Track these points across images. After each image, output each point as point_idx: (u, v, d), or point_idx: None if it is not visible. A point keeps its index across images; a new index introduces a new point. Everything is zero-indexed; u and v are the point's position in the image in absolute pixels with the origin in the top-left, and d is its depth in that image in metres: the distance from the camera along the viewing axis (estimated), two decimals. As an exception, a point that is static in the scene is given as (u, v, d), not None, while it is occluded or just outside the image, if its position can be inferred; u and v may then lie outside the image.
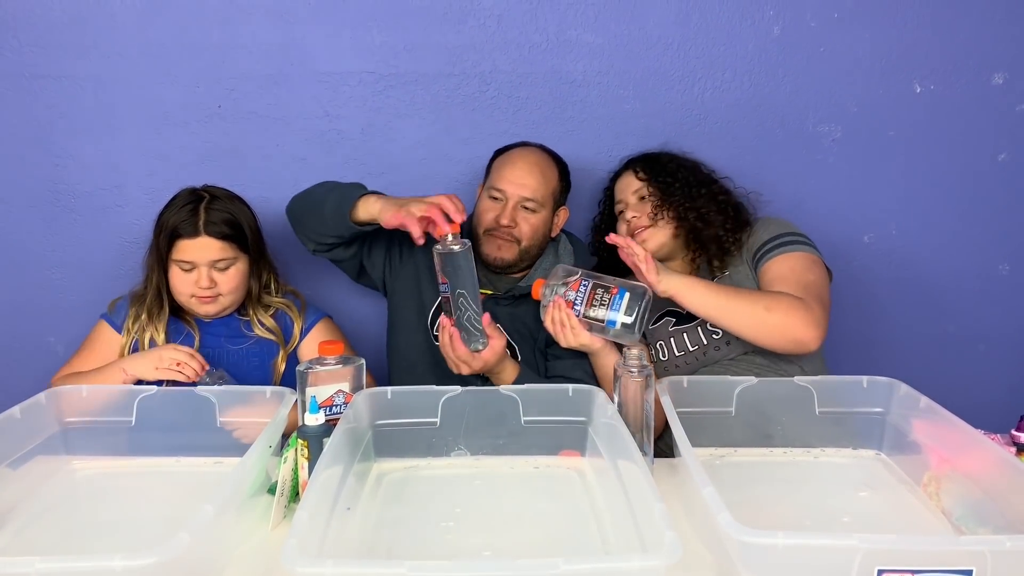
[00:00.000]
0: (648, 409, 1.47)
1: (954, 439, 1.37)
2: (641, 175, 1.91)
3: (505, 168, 1.87)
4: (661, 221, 1.85)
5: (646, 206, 1.87)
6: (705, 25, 2.07)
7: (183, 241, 1.75)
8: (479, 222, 1.88)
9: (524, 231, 1.85)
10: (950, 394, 1.57)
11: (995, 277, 2.22)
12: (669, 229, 1.86)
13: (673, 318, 1.88)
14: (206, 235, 1.74)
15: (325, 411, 1.42)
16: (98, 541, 1.28)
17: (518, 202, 1.84)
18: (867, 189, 2.15)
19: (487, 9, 2.04)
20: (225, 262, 1.77)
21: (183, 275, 1.77)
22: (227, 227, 1.77)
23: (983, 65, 2.10)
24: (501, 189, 1.85)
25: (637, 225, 1.86)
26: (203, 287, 1.76)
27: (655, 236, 1.85)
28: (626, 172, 1.94)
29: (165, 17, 2.01)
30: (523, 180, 1.85)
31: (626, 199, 1.91)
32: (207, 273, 1.76)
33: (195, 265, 1.76)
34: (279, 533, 1.29)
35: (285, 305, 1.89)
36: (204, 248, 1.75)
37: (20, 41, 2.00)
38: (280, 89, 2.05)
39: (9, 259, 2.10)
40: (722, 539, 1.07)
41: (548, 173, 1.89)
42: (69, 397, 1.54)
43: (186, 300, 1.80)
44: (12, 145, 2.05)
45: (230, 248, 1.77)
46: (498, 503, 1.40)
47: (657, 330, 1.90)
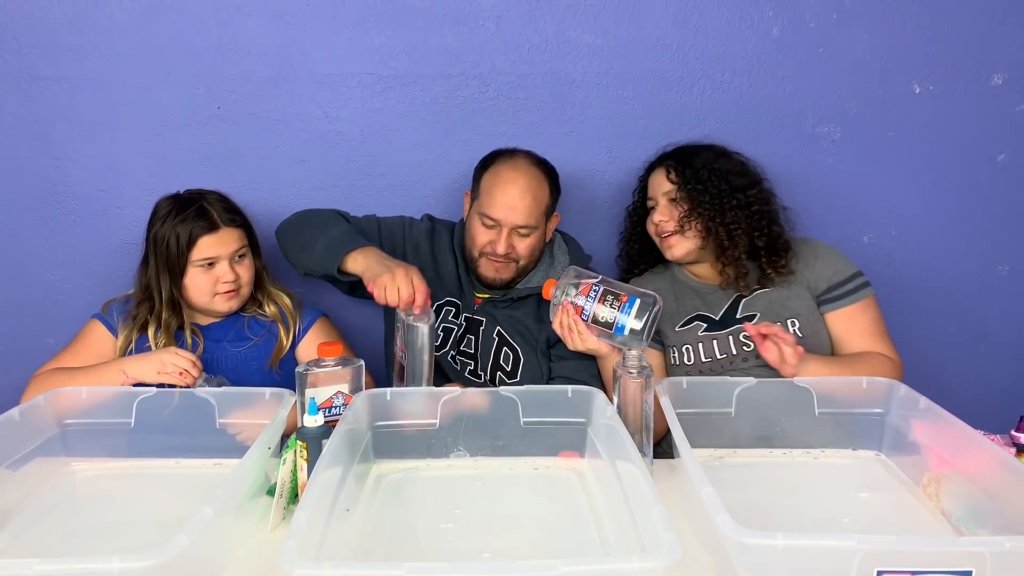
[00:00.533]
0: (647, 410, 1.47)
1: (954, 440, 1.38)
2: (672, 176, 1.84)
3: (496, 193, 1.82)
4: (688, 231, 1.80)
5: (674, 211, 1.82)
6: (704, 26, 2.07)
7: (205, 238, 1.76)
8: (472, 243, 1.86)
9: (521, 253, 1.84)
10: (950, 395, 1.57)
11: (995, 277, 2.22)
12: (696, 240, 1.81)
13: (704, 323, 1.83)
14: (225, 227, 1.78)
15: (324, 412, 1.42)
16: (97, 543, 1.28)
17: (512, 229, 1.82)
18: (866, 190, 2.15)
19: (486, 10, 2.04)
20: (243, 250, 1.82)
21: (204, 275, 1.78)
22: (237, 215, 1.83)
23: (982, 66, 2.10)
24: (495, 218, 1.80)
25: (664, 229, 1.83)
26: (229, 280, 1.78)
27: (681, 244, 1.82)
28: (659, 168, 1.88)
29: (164, 19, 2.01)
30: (516, 206, 1.80)
31: (656, 198, 1.86)
32: (229, 266, 1.79)
33: (217, 260, 1.78)
34: (278, 534, 1.29)
35: (284, 294, 1.91)
36: (226, 239, 1.78)
37: (19, 43, 2.00)
38: (279, 90, 2.05)
39: (8, 260, 2.10)
40: (721, 540, 1.07)
41: (540, 194, 1.84)
42: (69, 399, 1.54)
43: (208, 301, 1.80)
44: (11, 146, 2.05)
45: (245, 236, 1.83)
46: (497, 505, 1.40)
47: (685, 333, 1.84)
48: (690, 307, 1.86)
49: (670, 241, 1.82)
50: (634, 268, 1.99)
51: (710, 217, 1.79)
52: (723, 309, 1.83)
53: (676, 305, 1.87)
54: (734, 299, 1.83)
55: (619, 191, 2.13)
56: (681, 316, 1.86)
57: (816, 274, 1.81)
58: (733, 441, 1.58)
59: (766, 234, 1.81)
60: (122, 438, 1.53)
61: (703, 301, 1.86)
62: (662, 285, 1.90)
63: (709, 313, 1.83)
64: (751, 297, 1.82)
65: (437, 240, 1.95)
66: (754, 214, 1.81)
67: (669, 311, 1.84)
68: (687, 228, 1.80)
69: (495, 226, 1.82)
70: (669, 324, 1.85)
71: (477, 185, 1.89)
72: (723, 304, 1.84)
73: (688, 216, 1.80)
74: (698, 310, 1.85)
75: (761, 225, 1.81)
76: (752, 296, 1.82)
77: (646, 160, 1.95)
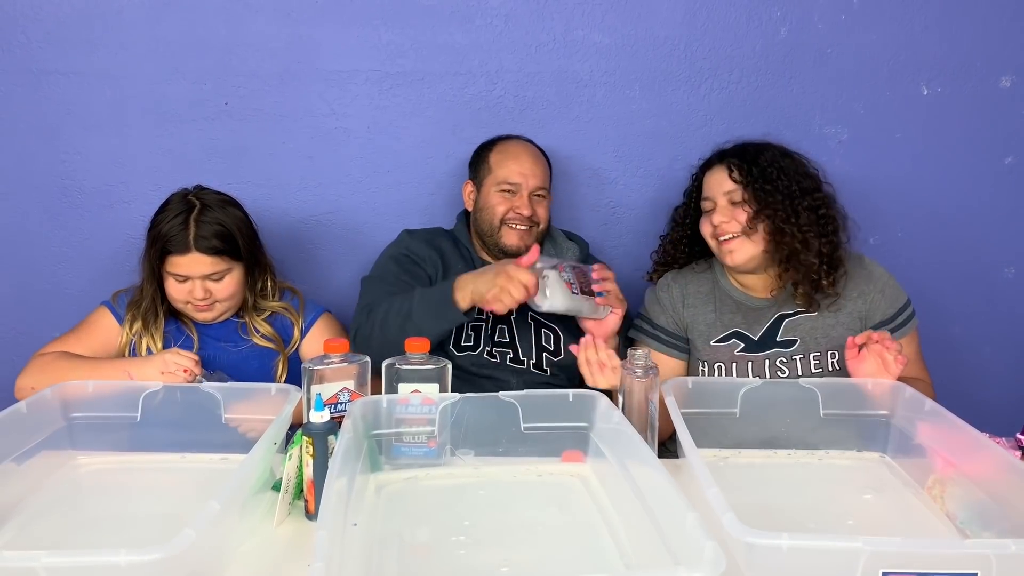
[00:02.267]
0: (652, 410, 1.46)
1: (959, 442, 1.37)
2: (736, 175, 1.72)
3: (510, 162, 1.92)
4: (754, 234, 1.70)
5: (738, 212, 1.71)
6: (712, 26, 2.07)
7: (174, 257, 1.73)
8: (493, 215, 1.91)
9: (541, 216, 1.93)
10: (955, 397, 1.57)
11: (1001, 280, 2.22)
12: (761, 244, 1.71)
13: (742, 342, 1.78)
14: (196, 251, 1.72)
15: (330, 408, 1.42)
16: (103, 536, 1.28)
17: (532, 191, 1.90)
18: (873, 191, 2.15)
19: (494, 8, 2.04)
20: (219, 274, 1.76)
21: (178, 285, 1.77)
22: (218, 240, 1.74)
23: (990, 68, 2.10)
24: (515, 183, 1.90)
25: (725, 231, 1.72)
26: (198, 298, 1.76)
27: (744, 248, 1.72)
28: (719, 166, 1.77)
29: (173, 14, 2.01)
30: (532, 171, 1.92)
31: (715, 198, 1.75)
32: (201, 285, 1.75)
33: (188, 277, 1.75)
34: (283, 530, 1.29)
35: (283, 308, 1.87)
36: (195, 263, 1.73)
37: (29, 37, 2.01)
38: (287, 87, 2.06)
39: (16, 252, 2.11)
40: (726, 540, 1.07)
41: (545, 163, 1.98)
42: (75, 392, 1.54)
43: (183, 307, 1.80)
44: (20, 140, 2.05)
45: (222, 261, 1.75)
46: (507, 514, 1.36)
47: (721, 350, 1.78)
48: (728, 322, 1.79)
49: (731, 245, 1.72)
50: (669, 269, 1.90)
51: (783, 219, 1.69)
52: (763, 329, 1.78)
53: (715, 316, 1.81)
54: (775, 319, 1.78)
55: (625, 189, 2.13)
56: (718, 330, 1.80)
57: (871, 305, 1.76)
58: (738, 442, 1.57)
59: (830, 242, 1.73)
60: (128, 432, 1.53)
61: (743, 317, 1.79)
62: (702, 288, 1.83)
63: (748, 332, 1.78)
64: (793, 320, 1.77)
65: (440, 245, 1.96)
66: (821, 218, 1.73)
67: (706, 321, 1.81)
68: (752, 231, 1.70)
69: (515, 191, 1.90)
70: (703, 336, 1.80)
71: (483, 166, 1.96)
72: (763, 323, 1.78)
73: (755, 218, 1.69)
74: (737, 327, 1.79)
75: (827, 231, 1.73)
76: (794, 318, 1.77)
77: (700, 158, 1.85)
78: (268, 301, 1.87)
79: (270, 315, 1.87)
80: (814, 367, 1.76)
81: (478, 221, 1.95)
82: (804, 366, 1.76)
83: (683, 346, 1.83)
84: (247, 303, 1.85)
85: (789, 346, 1.77)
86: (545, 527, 1.31)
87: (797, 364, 1.76)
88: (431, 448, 1.46)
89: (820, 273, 1.71)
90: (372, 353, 1.53)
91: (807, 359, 1.76)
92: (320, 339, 1.79)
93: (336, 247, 2.15)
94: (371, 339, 1.73)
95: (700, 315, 1.81)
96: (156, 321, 1.82)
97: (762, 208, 1.70)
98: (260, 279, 1.87)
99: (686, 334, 1.83)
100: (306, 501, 1.33)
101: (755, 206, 1.70)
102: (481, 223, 1.94)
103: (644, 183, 2.13)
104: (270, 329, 1.85)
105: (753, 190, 1.71)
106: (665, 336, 1.84)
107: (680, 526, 1.04)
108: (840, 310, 1.76)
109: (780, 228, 1.69)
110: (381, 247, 1.97)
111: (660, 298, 1.85)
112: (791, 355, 1.77)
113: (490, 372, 1.85)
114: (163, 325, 1.82)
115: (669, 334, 1.83)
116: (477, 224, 1.96)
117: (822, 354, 1.75)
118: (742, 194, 1.72)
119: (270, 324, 1.86)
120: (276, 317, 1.88)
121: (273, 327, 1.86)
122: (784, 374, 1.74)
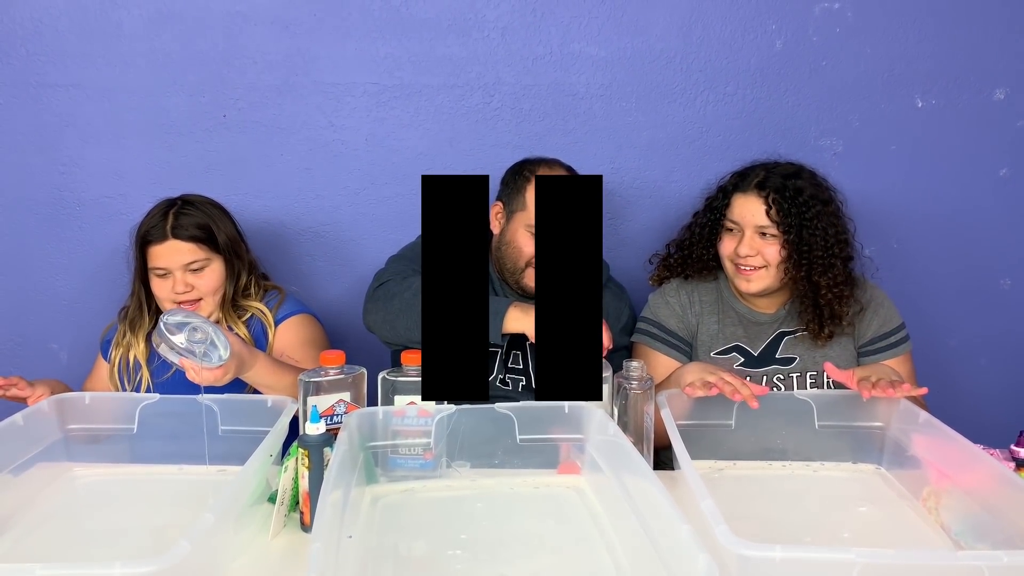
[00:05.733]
0: (648, 421, 1.47)
1: (954, 454, 1.38)
2: (773, 214, 1.67)
3: None
4: (777, 272, 1.69)
5: (767, 249, 1.69)
6: (707, 39, 2.08)
7: (153, 247, 1.76)
8: (518, 255, 1.80)
9: None
10: (950, 409, 1.57)
11: (996, 291, 2.22)
12: (781, 277, 1.70)
13: (742, 356, 1.79)
14: (173, 238, 1.75)
15: (326, 420, 1.42)
16: (99, 548, 1.28)
17: None
18: (869, 203, 2.15)
19: (491, 22, 2.05)
20: (198, 263, 1.78)
21: (161, 282, 1.78)
22: (196, 229, 1.77)
23: (985, 80, 2.11)
24: None
25: (749, 263, 1.70)
26: (179, 292, 1.77)
27: (762, 280, 1.71)
28: (755, 195, 1.70)
29: (172, 27, 2.02)
30: None
31: (744, 226, 1.71)
32: (182, 277, 1.77)
33: (169, 271, 1.77)
34: (279, 542, 1.29)
35: (260, 311, 1.85)
36: (173, 252, 1.76)
37: (28, 50, 2.02)
38: (285, 99, 2.07)
39: (14, 264, 2.11)
40: (720, 552, 1.07)
41: None
42: (71, 404, 1.55)
43: (170, 307, 1.79)
44: (19, 152, 2.06)
45: (200, 250, 1.78)
46: (503, 528, 1.35)
47: (720, 362, 1.77)
48: (730, 335, 1.80)
49: (749, 275, 1.71)
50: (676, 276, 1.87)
51: (820, 272, 1.67)
52: (763, 345, 1.80)
53: (718, 327, 1.81)
54: (776, 335, 1.80)
55: (622, 202, 2.13)
56: (720, 342, 1.81)
57: (864, 325, 1.78)
58: (733, 453, 1.58)
59: (849, 282, 1.73)
60: (125, 444, 1.54)
61: (745, 331, 1.81)
62: (707, 297, 1.84)
63: (749, 347, 1.79)
64: (793, 337, 1.79)
65: None
66: (845, 259, 1.72)
67: (709, 331, 1.81)
68: (777, 270, 1.70)
69: None
70: (705, 346, 1.81)
71: (517, 198, 1.82)
72: (764, 339, 1.80)
73: (786, 261, 1.68)
74: (738, 340, 1.80)
75: (851, 279, 1.74)
76: (794, 336, 1.79)
77: (726, 172, 1.82)
78: (249, 300, 1.86)
79: (249, 316, 1.85)
80: (810, 386, 1.77)
81: (501, 253, 1.84)
82: (800, 384, 1.78)
83: (689, 351, 1.83)
84: (225, 298, 1.83)
85: (788, 364, 1.79)
86: (542, 540, 1.31)
87: (794, 382, 1.78)
88: (427, 460, 1.46)
89: (833, 308, 1.72)
90: (391, 309, 1.58)
91: (803, 377, 1.78)
92: (292, 335, 1.81)
93: (333, 259, 2.16)
94: (396, 298, 1.71)
95: (705, 323, 1.82)
96: (141, 321, 1.84)
97: (797, 256, 1.68)
98: (244, 277, 1.86)
99: (692, 339, 1.84)
100: (302, 513, 1.33)
101: (788, 250, 1.68)
102: (504, 258, 1.84)
103: (640, 195, 2.14)
104: (246, 332, 1.83)
105: (787, 235, 1.67)
106: (675, 340, 1.82)
107: (675, 538, 1.04)
108: (843, 333, 1.77)
109: (812, 280, 1.68)
110: (378, 259, 1.96)
111: (670, 302, 1.84)
112: (788, 373, 1.78)
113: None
114: (147, 326, 1.83)
115: (679, 338, 1.82)
116: (499, 254, 1.85)
117: (819, 373, 1.76)
118: (776, 229, 1.69)
119: (247, 327, 1.84)
120: (255, 321, 1.86)
121: (251, 331, 1.85)
122: (781, 391, 1.75)
